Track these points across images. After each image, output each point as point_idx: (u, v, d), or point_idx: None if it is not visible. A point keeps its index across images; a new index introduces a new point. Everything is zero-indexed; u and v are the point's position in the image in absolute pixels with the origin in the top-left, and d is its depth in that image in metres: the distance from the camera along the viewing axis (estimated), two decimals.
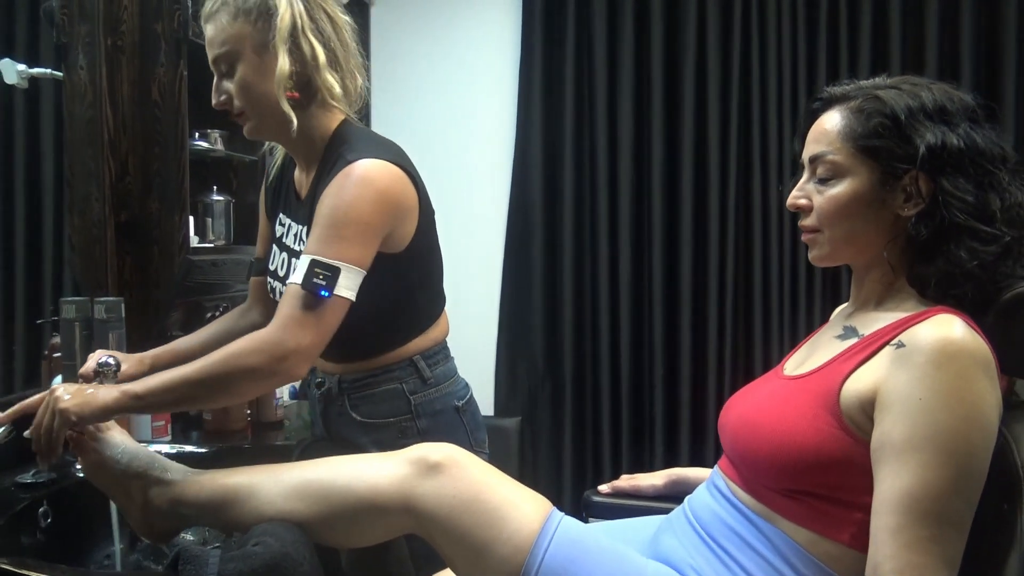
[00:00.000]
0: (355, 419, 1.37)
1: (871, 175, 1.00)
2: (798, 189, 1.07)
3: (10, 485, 1.24)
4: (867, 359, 0.96)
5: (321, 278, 1.17)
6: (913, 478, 0.87)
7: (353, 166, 1.22)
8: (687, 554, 1.05)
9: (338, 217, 1.21)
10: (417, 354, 1.38)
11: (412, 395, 1.36)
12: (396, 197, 1.26)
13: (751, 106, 2.78)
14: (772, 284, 2.80)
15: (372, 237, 1.23)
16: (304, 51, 1.25)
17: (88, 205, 1.63)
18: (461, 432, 1.42)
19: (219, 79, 1.29)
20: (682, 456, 2.75)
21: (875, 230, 1.02)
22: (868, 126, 1.00)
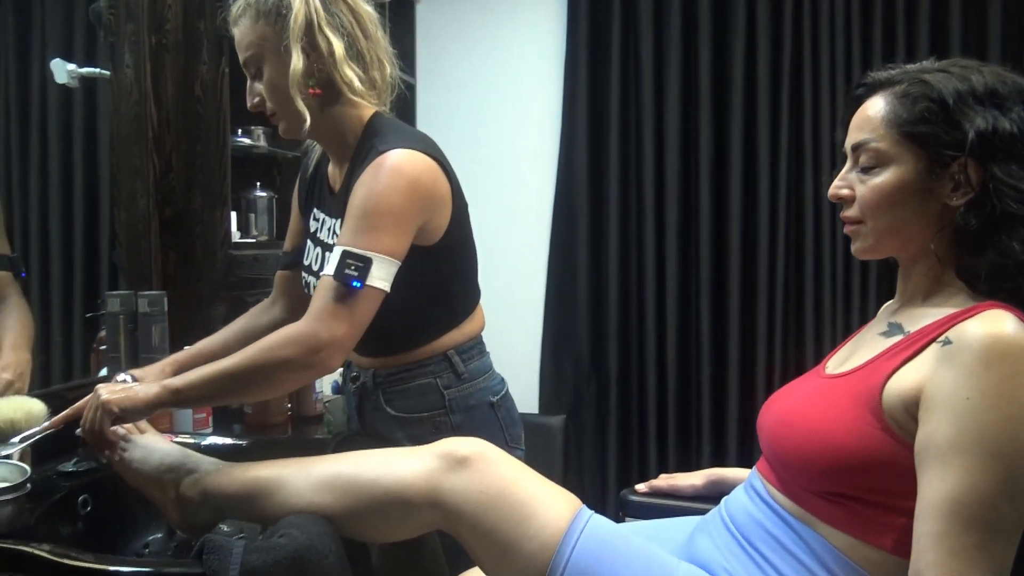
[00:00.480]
0: (389, 413, 1.37)
1: (917, 163, 0.96)
2: (840, 179, 1.03)
3: (52, 474, 1.27)
4: (912, 357, 0.92)
5: (353, 269, 1.17)
6: (959, 482, 0.83)
7: (385, 156, 1.22)
8: (721, 557, 1.02)
9: (370, 207, 1.20)
10: (451, 348, 1.37)
11: (446, 390, 1.36)
12: (429, 187, 1.26)
13: (803, 98, 2.71)
14: (824, 280, 2.72)
15: (405, 227, 1.23)
16: (321, 47, 1.24)
17: (133, 201, 1.66)
18: (496, 428, 1.41)
19: (251, 81, 1.31)
20: (729, 457, 2.70)
21: (921, 221, 0.97)
22: (914, 111, 0.95)
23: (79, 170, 1.71)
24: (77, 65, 1.61)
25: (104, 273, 1.73)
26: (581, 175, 2.86)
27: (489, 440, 1.26)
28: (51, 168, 1.64)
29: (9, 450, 1.14)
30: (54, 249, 1.65)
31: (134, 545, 1.28)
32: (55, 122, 1.66)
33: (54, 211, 1.65)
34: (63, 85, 1.59)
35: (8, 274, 1.43)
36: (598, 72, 2.85)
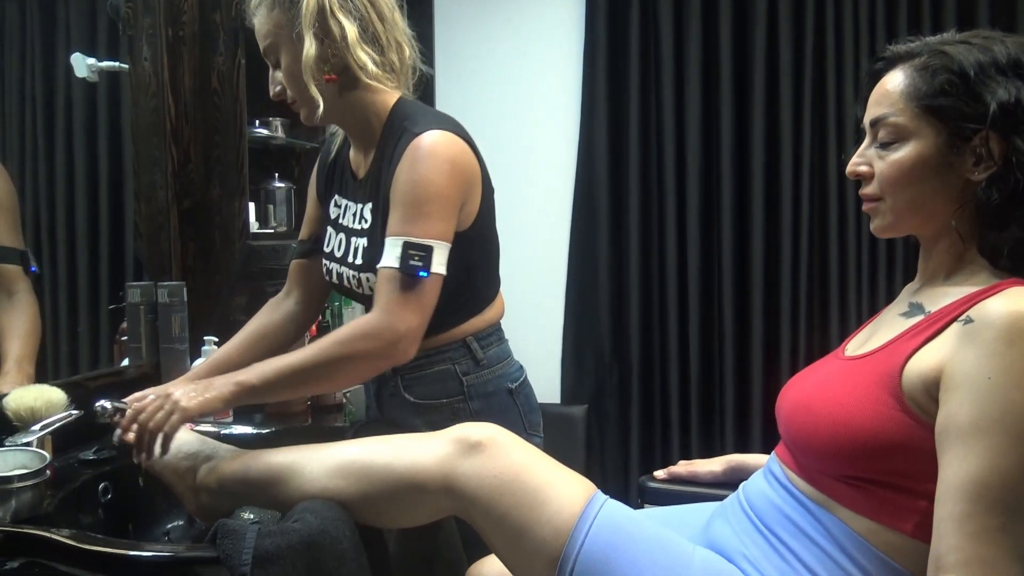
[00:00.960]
0: (408, 400, 1.37)
1: (937, 137, 0.93)
2: (858, 155, 1.01)
3: (73, 461, 1.28)
4: (933, 337, 0.89)
5: (417, 259, 1.19)
6: (981, 463, 0.81)
7: (420, 139, 1.23)
8: (739, 543, 1.01)
9: (418, 194, 1.22)
10: (470, 335, 1.37)
11: (464, 376, 1.36)
12: (466, 168, 1.28)
13: (826, 80, 2.66)
14: (849, 267, 2.68)
15: (452, 209, 1.25)
16: (334, 32, 1.24)
17: (153, 192, 1.68)
18: (514, 414, 1.40)
19: (272, 70, 1.32)
20: (753, 446, 2.67)
21: (942, 197, 0.94)
22: (934, 84, 0.93)
23: (104, 163, 1.72)
24: (98, 59, 1.62)
25: (130, 265, 1.74)
26: (601, 163, 2.84)
27: (508, 427, 1.26)
28: (76, 162, 1.65)
29: (29, 438, 1.15)
30: (80, 242, 1.66)
31: (154, 533, 1.30)
32: (79, 116, 1.67)
33: (80, 204, 1.67)
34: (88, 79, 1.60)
35: (18, 268, 1.41)
36: (617, 58, 2.82)
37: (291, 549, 0.92)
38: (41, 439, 1.18)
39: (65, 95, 1.64)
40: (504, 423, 1.25)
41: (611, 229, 2.86)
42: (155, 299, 1.59)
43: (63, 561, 0.95)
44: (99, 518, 1.22)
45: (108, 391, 1.42)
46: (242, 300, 1.82)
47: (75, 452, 1.31)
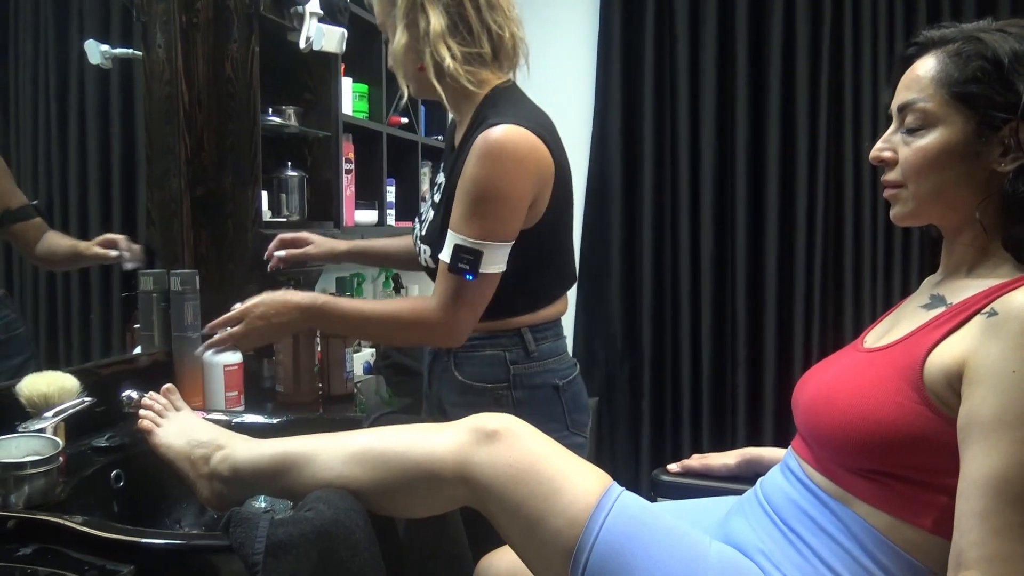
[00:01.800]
0: (456, 377, 1.40)
1: (965, 125, 0.91)
2: (883, 141, 0.99)
3: (85, 448, 1.29)
4: (955, 329, 0.88)
5: (465, 263, 1.25)
6: (1004, 458, 0.80)
7: (490, 132, 1.23)
8: (757, 538, 0.99)
9: (478, 193, 1.24)
10: (526, 326, 1.38)
11: (512, 365, 1.37)
12: (535, 166, 1.27)
13: (843, 70, 2.64)
14: (864, 261, 2.66)
15: (514, 209, 1.26)
16: (420, 25, 1.30)
17: (166, 180, 1.67)
18: (558, 410, 1.41)
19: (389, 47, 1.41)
20: (765, 439, 2.66)
21: (966, 187, 0.93)
22: (966, 71, 0.91)
23: (116, 151, 1.72)
24: (112, 46, 1.62)
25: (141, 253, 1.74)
26: (615, 154, 2.83)
27: (549, 423, 1.32)
28: (89, 149, 1.65)
29: (42, 424, 1.15)
30: (92, 229, 1.66)
31: (166, 520, 1.30)
32: (93, 103, 1.67)
33: (93, 192, 1.67)
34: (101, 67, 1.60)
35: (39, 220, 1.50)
36: (632, 47, 2.81)
37: (304, 538, 0.92)
38: (54, 426, 1.17)
39: (78, 82, 1.63)
40: (546, 417, 1.35)
41: (623, 220, 2.85)
42: (168, 287, 1.59)
43: (76, 547, 0.95)
44: (111, 505, 1.22)
45: (121, 379, 1.43)
46: (254, 288, 1.80)
47: (88, 439, 1.31)
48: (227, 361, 1.60)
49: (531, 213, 1.30)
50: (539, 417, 1.30)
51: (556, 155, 1.32)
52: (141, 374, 1.52)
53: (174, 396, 1.28)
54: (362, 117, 2.27)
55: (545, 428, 1.29)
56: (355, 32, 2.05)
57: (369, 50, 2.28)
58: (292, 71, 1.94)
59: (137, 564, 0.92)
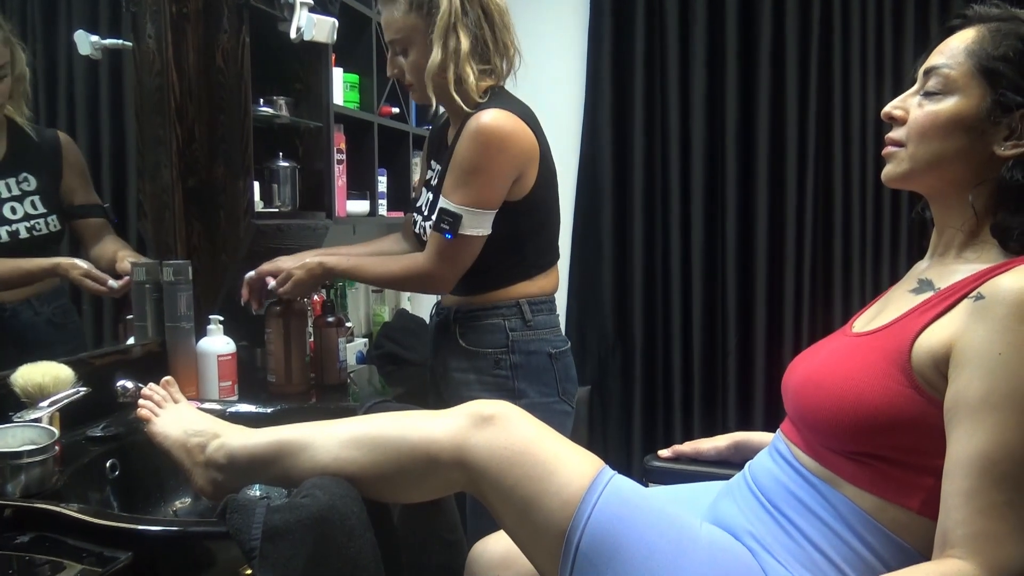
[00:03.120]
0: (461, 345, 1.57)
1: (981, 101, 0.93)
2: (899, 99, 1.00)
3: (81, 438, 1.29)
4: (943, 313, 0.89)
5: (446, 223, 1.45)
6: (990, 438, 0.81)
7: (479, 116, 1.42)
8: (746, 520, 1.01)
9: (465, 166, 1.43)
10: (523, 298, 1.55)
11: (511, 332, 1.54)
12: (518, 143, 1.44)
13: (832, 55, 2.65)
14: (853, 247, 2.68)
15: (498, 181, 1.45)
16: (450, 44, 1.45)
17: (157, 171, 1.67)
18: (550, 377, 1.56)
19: (393, 55, 1.55)
20: (755, 427, 2.66)
21: (962, 163, 0.94)
22: (1000, 48, 0.92)
23: (106, 142, 1.71)
24: (101, 37, 1.61)
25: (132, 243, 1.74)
26: (605, 143, 2.84)
27: (543, 388, 1.53)
28: (79, 140, 1.65)
29: (38, 414, 1.16)
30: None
31: (162, 509, 1.30)
32: (82, 94, 1.66)
33: None
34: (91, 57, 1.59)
35: (103, 220, 1.64)
36: (622, 39, 2.81)
37: (300, 524, 0.93)
38: (50, 415, 1.18)
39: (67, 73, 1.63)
40: (539, 382, 1.55)
41: (615, 209, 2.86)
42: (160, 278, 1.59)
43: (72, 535, 0.96)
44: (107, 495, 1.23)
45: (115, 369, 1.43)
46: None
47: (83, 429, 1.31)
48: (220, 351, 1.60)
49: (519, 187, 1.48)
50: (533, 380, 1.55)
51: (539, 137, 1.50)
52: (135, 364, 1.52)
53: (173, 388, 1.28)
54: (353, 107, 2.27)
55: (538, 391, 1.54)
56: (346, 22, 2.04)
57: (360, 40, 2.28)
58: (283, 61, 1.93)
59: (135, 551, 0.92)
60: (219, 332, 1.61)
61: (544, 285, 1.59)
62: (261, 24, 1.75)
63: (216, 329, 1.62)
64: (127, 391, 1.29)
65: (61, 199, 1.56)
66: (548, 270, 1.61)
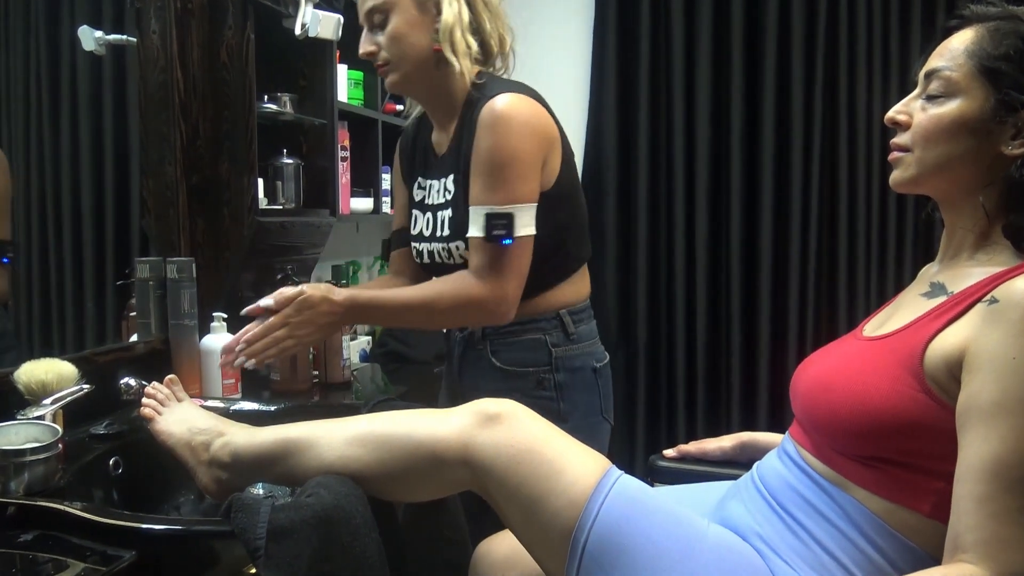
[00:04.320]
0: (494, 364, 1.40)
1: (984, 102, 0.92)
2: (902, 104, 0.99)
3: (84, 436, 1.28)
4: (956, 318, 0.89)
5: (500, 228, 1.26)
6: (1003, 444, 0.80)
7: (493, 103, 1.28)
8: (754, 521, 1.00)
9: (496, 160, 1.27)
10: (563, 308, 1.40)
11: (554, 347, 1.39)
12: (542, 126, 1.32)
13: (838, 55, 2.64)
14: (859, 249, 2.67)
15: (533, 169, 1.30)
16: (455, 8, 1.31)
17: (161, 168, 1.66)
18: (595, 394, 1.44)
19: (369, 30, 1.37)
20: (759, 427, 2.67)
21: (970, 164, 0.93)
22: (1000, 47, 0.92)
23: (109, 138, 1.71)
24: (105, 32, 1.61)
25: (135, 241, 1.73)
26: (610, 141, 2.83)
27: (586, 405, 1.40)
28: (82, 137, 1.64)
29: (41, 411, 1.15)
30: (86, 217, 1.65)
31: (165, 507, 1.30)
32: (86, 90, 1.66)
33: (85, 180, 1.66)
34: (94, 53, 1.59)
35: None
36: (627, 33, 2.80)
37: (305, 523, 0.92)
38: (53, 413, 1.17)
39: (71, 69, 1.62)
40: (585, 400, 1.42)
41: (618, 207, 2.85)
42: (164, 275, 1.58)
43: (76, 533, 0.95)
44: (110, 492, 1.22)
45: (119, 366, 1.43)
46: (251, 276, 1.81)
47: (86, 427, 1.31)
48: None
49: (547, 174, 1.33)
50: (579, 401, 1.41)
51: (555, 117, 1.38)
52: (138, 362, 1.52)
53: (177, 387, 1.28)
54: (357, 104, 2.26)
55: (583, 411, 1.40)
56: (351, 18, 2.03)
57: None
58: (287, 58, 1.93)
59: (138, 549, 0.92)
60: (223, 330, 1.61)
61: (581, 288, 1.45)
62: (266, 20, 1.74)
63: (220, 327, 1.61)
64: (131, 389, 1.29)
65: None
66: (584, 267, 1.46)
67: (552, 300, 1.40)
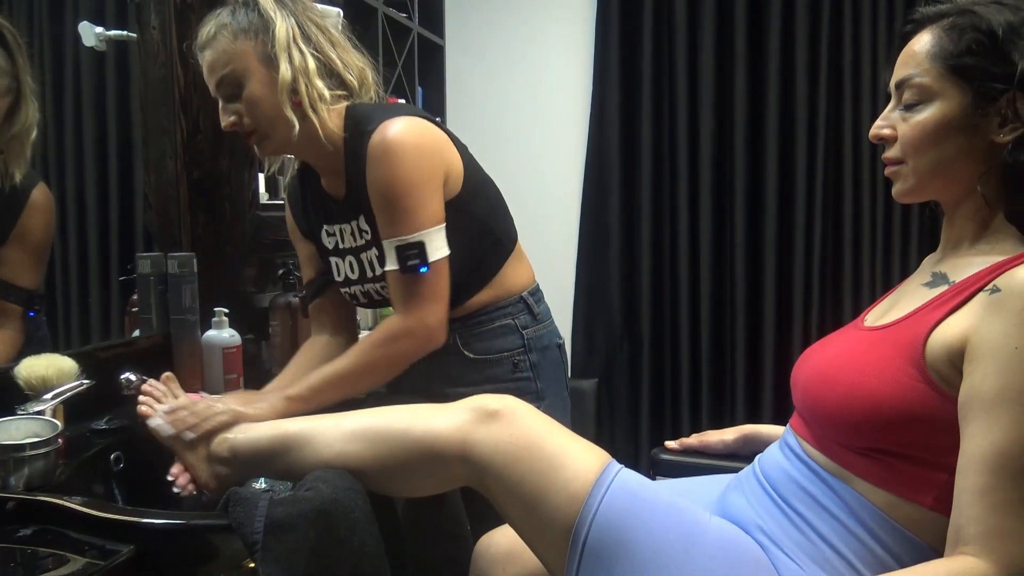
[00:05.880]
0: (467, 357, 1.41)
1: (962, 98, 0.91)
2: (882, 118, 0.99)
3: (85, 431, 1.28)
4: (958, 307, 0.88)
5: (413, 257, 1.26)
6: (1005, 434, 0.80)
7: (375, 135, 1.26)
8: (755, 514, 1.00)
9: (394, 192, 1.26)
10: (524, 291, 1.45)
11: (524, 330, 1.43)
12: (432, 144, 1.30)
13: (843, 45, 2.63)
14: (863, 241, 2.65)
15: (433, 191, 1.29)
16: (296, 60, 1.28)
17: (162, 163, 1.66)
18: (561, 370, 1.49)
19: (225, 102, 1.33)
20: (764, 421, 2.66)
21: (966, 160, 0.92)
22: (961, 44, 0.91)
23: (113, 134, 1.71)
24: (106, 28, 1.60)
25: (139, 236, 1.73)
26: (613, 136, 2.82)
27: (555, 381, 1.43)
28: (85, 133, 1.64)
29: (42, 406, 1.15)
30: (90, 213, 1.65)
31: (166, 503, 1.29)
32: (88, 86, 1.66)
33: (89, 176, 1.66)
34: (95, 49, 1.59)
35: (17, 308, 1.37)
36: (630, 25, 2.79)
37: (303, 517, 0.92)
38: (53, 408, 1.17)
39: (73, 65, 1.62)
40: (554, 376, 1.46)
41: (623, 202, 2.84)
42: (165, 270, 1.58)
43: (76, 528, 0.95)
44: (111, 487, 1.22)
45: (120, 361, 1.42)
46: (252, 271, 1.81)
47: (87, 422, 1.31)
48: (226, 344, 1.60)
49: (452, 182, 1.33)
50: (550, 378, 1.45)
51: (439, 125, 1.36)
52: (140, 357, 1.51)
53: (173, 384, 1.28)
54: None
55: (555, 388, 1.45)
56: (350, 13, 2.03)
57: (365, 31, 2.26)
58: None
59: (137, 544, 0.92)
60: (224, 325, 1.61)
61: (529, 268, 1.49)
62: None
63: (221, 321, 1.61)
64: (131, 383, 1.28)
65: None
66: (519, 246, 1.48)
67: (510, 284, 1.43)
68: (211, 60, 1.31)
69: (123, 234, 1.72)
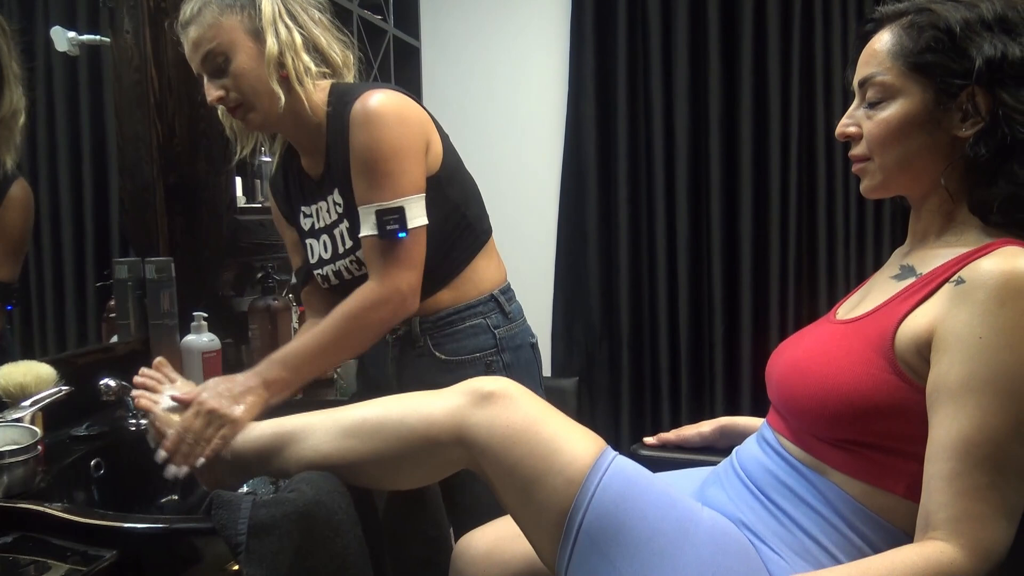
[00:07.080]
0: (439, 358, 1.40)
1: (924, 94, 0.93)
2: (847, 117, 1.01)
3: (65, 438, 1.28)
4: (925, 298, 0.90)
5: (393, 223, 1.25)
6: (971, 422, 0.82)
7: (362, 101, 1.27)
8: (735, 507, 1.01)
9: (377, 156, 1.26)
10: (495, 289, 1.44)
11: (496, 329, 1.41)
12: (414, 115, 1.31)
13: (814, 45, 2.66)
14: (837, 236, 2.69)
15: (416, 159, 1.29)
16: (282, 34, 1.29)
17: (138, 168, 1.65)
18: (535, 369, 1.48)
19: (211, 77, 1.32)
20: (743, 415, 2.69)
21: (930, 155, 0.95)
22: (920, 42, 0.93)
23: (87, 140, 1.69)
24: (79, 33, 1.59)
25: (115, 242, 1.72)
26: (589, 136, 2.83)
27: (529, 380, 1.37)
28: (59, 138, 1.63)
29: (20, 413, 1.15)
30: (65, 219, 1.64)
31: (147, 508, 1.29)
32: (61, 91, 1.65)
33: (64, 182, 1.64)
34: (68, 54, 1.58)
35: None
36: (604, 26, 2.80)
37: (286, 519, 0.92)
38: (32, 415, 1.17)
39: (45, 70, 1.61)
40: (528, 376, 1.43)
41: (600, 201, 2.86)
42: (143, 275, 1.57)
43: (57, 534, 0.95)
44: (92, 493, 1.22)
45: (98, 367, 1.42)
46: (230, 275, 1.80)
47: (67, 429, 1.30)
48: (205, 348, 1.59)
49: (431, 158, 1.34)
50: (524, 378, 1.37)
51: (421, 104, 1.37)
52: (118, 363, 1.51)
53: (167, 368, 1.26)
54: None
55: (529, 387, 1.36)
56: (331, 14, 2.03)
57: None
58: None
59: (120, 549, 0.92)
60: (203, 329, 1.60)
61: (500, 266, 1.48)
62: None
63: (200, 326, 1.60)
64: (110, 389, 1.28)
65: None
66: (492, 242, 1.48)
67: (481, 282, 1.42)
68: (196, 36, 1.30)
69: (99, 239, 1.71)
